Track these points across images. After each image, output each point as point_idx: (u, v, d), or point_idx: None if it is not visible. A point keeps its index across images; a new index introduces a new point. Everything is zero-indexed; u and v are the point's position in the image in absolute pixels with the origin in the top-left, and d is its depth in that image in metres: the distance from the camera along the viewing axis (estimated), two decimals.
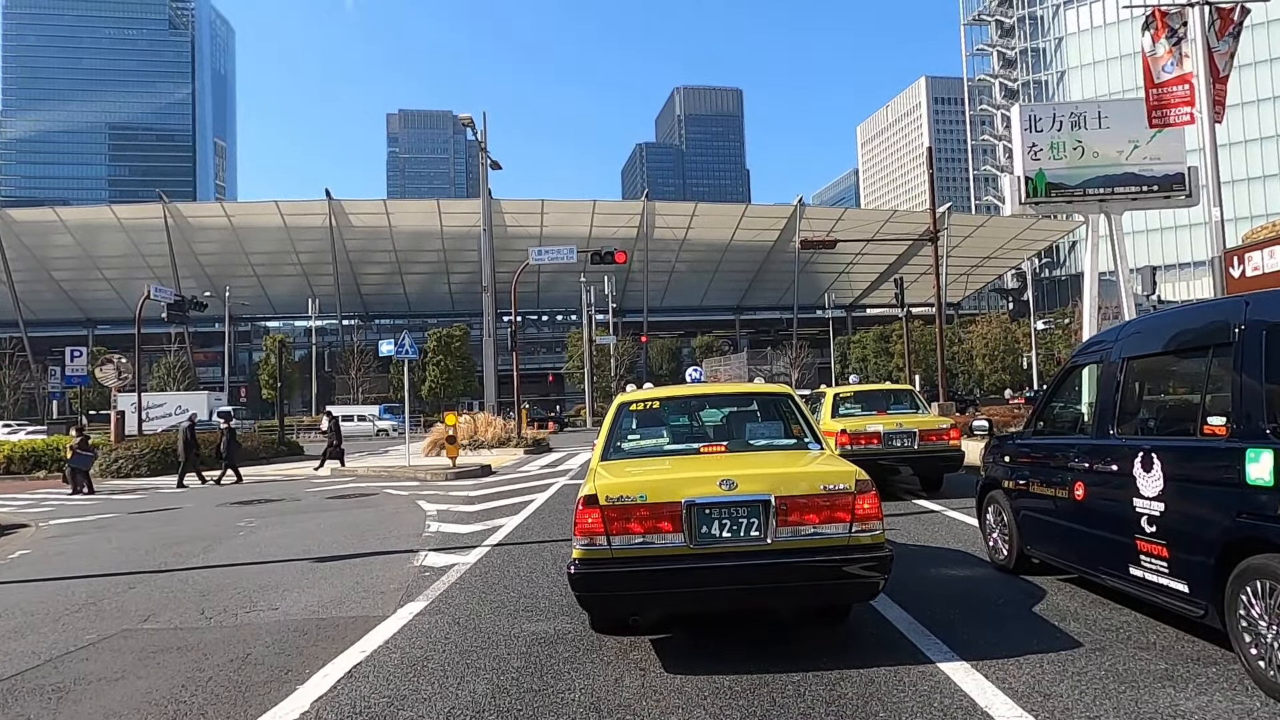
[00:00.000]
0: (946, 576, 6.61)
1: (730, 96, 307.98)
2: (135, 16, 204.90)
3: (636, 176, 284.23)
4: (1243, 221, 60.77)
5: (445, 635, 5.36)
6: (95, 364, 33.54)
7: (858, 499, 4.45)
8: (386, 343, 20.51)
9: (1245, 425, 3.91)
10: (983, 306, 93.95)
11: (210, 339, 73.09)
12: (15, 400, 58.30)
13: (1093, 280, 25.36)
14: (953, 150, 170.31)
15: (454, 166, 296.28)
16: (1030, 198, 24.31)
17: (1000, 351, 66.42)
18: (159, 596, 7.17)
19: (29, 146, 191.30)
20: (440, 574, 7.38)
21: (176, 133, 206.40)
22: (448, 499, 13.73)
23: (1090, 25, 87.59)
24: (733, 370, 63.98)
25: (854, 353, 71.64)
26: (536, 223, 68.85)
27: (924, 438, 11.53)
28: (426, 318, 79.63)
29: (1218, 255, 13.90)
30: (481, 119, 29.02)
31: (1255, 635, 3.81)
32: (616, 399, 6.17)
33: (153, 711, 4.22)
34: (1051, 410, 6.34)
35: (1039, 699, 3.82)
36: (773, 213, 76.75)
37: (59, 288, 73.13)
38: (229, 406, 60.22)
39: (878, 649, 4.67)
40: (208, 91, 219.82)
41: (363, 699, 4.21)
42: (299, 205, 68.68)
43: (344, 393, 63.02)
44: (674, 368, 71.87)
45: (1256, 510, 3.75)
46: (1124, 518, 4.72)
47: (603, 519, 4.44)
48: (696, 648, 4.84)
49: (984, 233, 77.67)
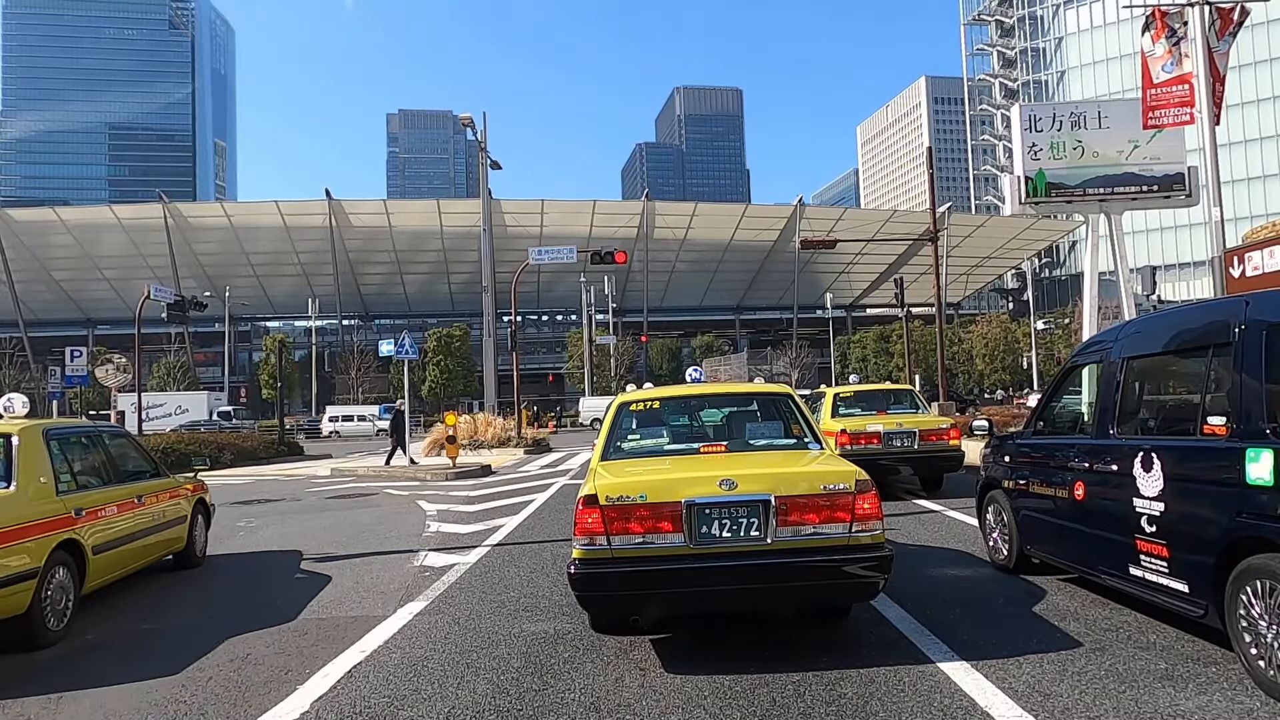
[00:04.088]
0: (946, 576, 6.61)
1: (730, 96, 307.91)
2: (135, 16, 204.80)
3: (636, 176, 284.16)
4: (1243, 221, 60.74)
5: (445, 635, 5.36)
6: (95, 364, 33.54)
7: (858, 499, 4.46)
8: (386, 343, 20.48)
9: (1245, 425, 3.91)
10: (983, 306, 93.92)
11: (210, 339, 73.04)
12: None
13: (1093, 280, 25.38)
14: (953, 150, 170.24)
15: (454, 166, 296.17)
16: (1030, 198, 24.33)
17: (1000, 351, 66.38)
18: (159, 596, 7.17)
19: (29, 146, 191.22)
20: (440, 574, 7.39)
21: (176, 133, 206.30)
22: (448, 499, 13.73)
23: (1090, 25, 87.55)
24: (733, 370, 63.94)
25: (854, 353, 71.61)
26: (536, 223, 68.81)
27: (924, 438, 11.53)
28: (426, 318, 79.55)
29: (1218, 255, 13.90)
30: (481, 119, 29.03)
31: (1255, 635, 3.81)
32: (616, 399, 6.18)
33: (153, 711, 4.22)
34: (1051, 410, 6.34)
35: (1039, 699, 3.82)
36: (773, 213, 76.72)
37: (59, 288, 73.09)
38: (229, 406, 60.34)
39: (878, 649, 4.67)
40: (208, 91, 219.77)
41: (363, 699, 4.21)
42: (299, 205, 68.65)
43: (344, 393, 62.99)
44: (674, 368, 71.79)
45: (1256, 510, 3.75)
46: (1124, 517, 4.72)
47: (603, 519, 4.45)
48: (696, 648, 4.84)
49: (984, 233, 77.64)
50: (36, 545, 5.59)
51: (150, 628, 6.06)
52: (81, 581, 6.13)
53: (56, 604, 5.73)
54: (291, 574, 7.84)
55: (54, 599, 5.70)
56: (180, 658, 5.13)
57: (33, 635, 5.47)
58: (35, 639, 5.48)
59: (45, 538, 5.72)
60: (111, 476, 7.15)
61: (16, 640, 5.43)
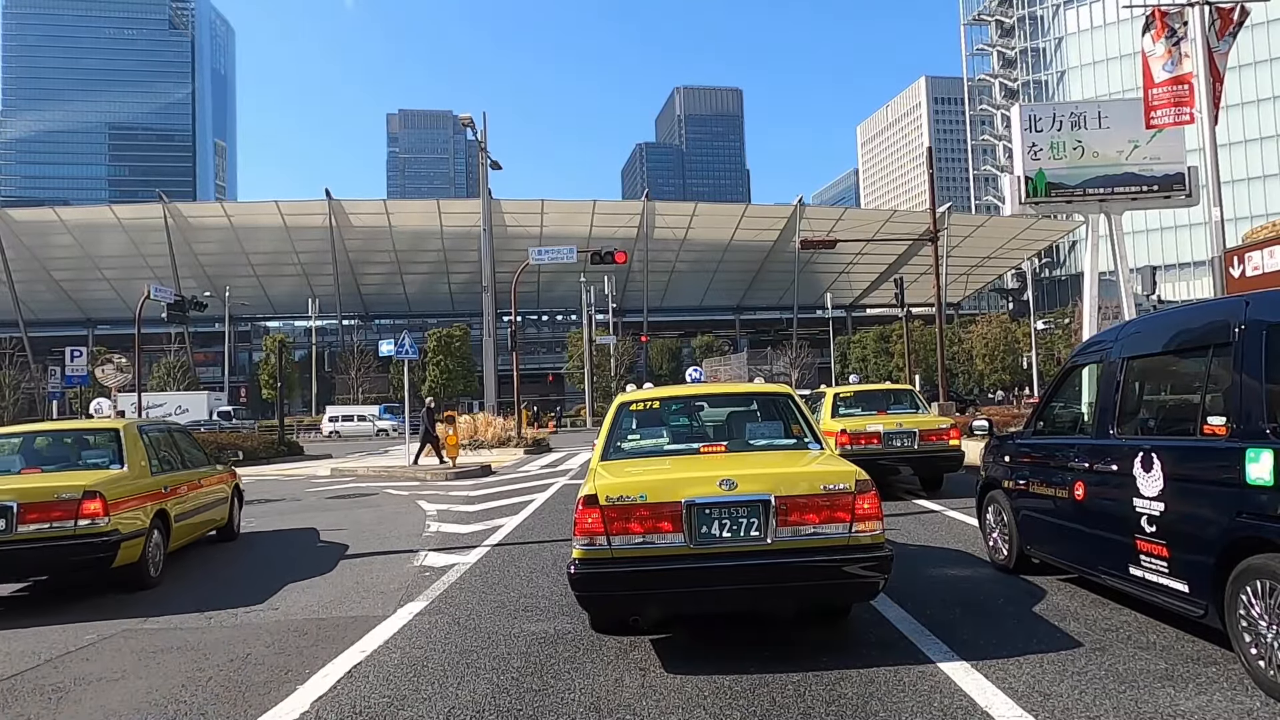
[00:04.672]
0: (946, 576, 6.61)
1: (730, 96, 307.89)
2: (135, 16, 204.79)
3: (636, 176, 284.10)
4: (1243, 221, 60.72)
5: (445, 635, 5.36)
6: (95, 364, 33.52)
7: (858, 499, 4.46)
8: (386, 343, 20.47)
9: (1245, 425, 3.91)
10: (983, 306, 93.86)
11: (210, 339, 73.01)
12: (15, 400, 58.24)
13: (1093, 280, 25.37)
14: (953, 150, 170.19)
15: (454, 166, 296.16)
16: (1030, 198, 24.32)
17: (1000, 351, 66.36)
18: (159, 596, 7.18)
19: (29, 146, 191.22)
20: (440, 574, 7.39)
21: (176, 133, 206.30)
22: (448, 499, 13.73)
23: (1090, 25, 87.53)
24: (733, 370, 63.92)
25: (854, 353, 71.58)
26: (536, 223, 68.79)
27: (924, 438, 11.53)
28: (426, 318, 79.52)
29: (1218, 255, 13.90)
30: (481, 119, 29.04)
31: (1255, 635, 3.81)
32: (616, 399, 6.17)
33: (153, 711, 4.22)
34: (1051, 410, 6.34)
35: (1039, 699, 3.82)
36: (773, 213, 76.70)
37: (59, 288, 73.07)
38: (229, 406, 60.33)
39: (878, 649, 4.68)
40: (208, 91, 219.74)
41: (363, 699, 4.22)
42: (299, 205, 68.63)
43: (344, 393, 62.98)
44: (674, 368, 71.75)
45: (1256, 510, 3.75)
46: (1124, 517, 4.72)
47: (603, 519, 4.44)
48: (696, 648, 4.84)
49: (984, 233, 77.61)
50: (143, 512, 7.53)
51: (151, 627, 6.07)
52: (167, 543, 8.02)
53: (154, 558, 7.65)
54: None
55: (153, 554, 7.61)
56: (180, 657, 5.17)
57: (141, 579, 7.39)
58: (142, 582, 7.40)
59: (148, 506, 7.66)
60: (182, 463, 9.03)
61: (130, 582, 7.35)
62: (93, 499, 6.90)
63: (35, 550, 6.76)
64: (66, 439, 8.46)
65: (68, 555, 6.82)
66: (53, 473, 7.74)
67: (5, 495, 6.83)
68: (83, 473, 7.59)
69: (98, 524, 6.87)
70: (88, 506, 6.86)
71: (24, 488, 7.02)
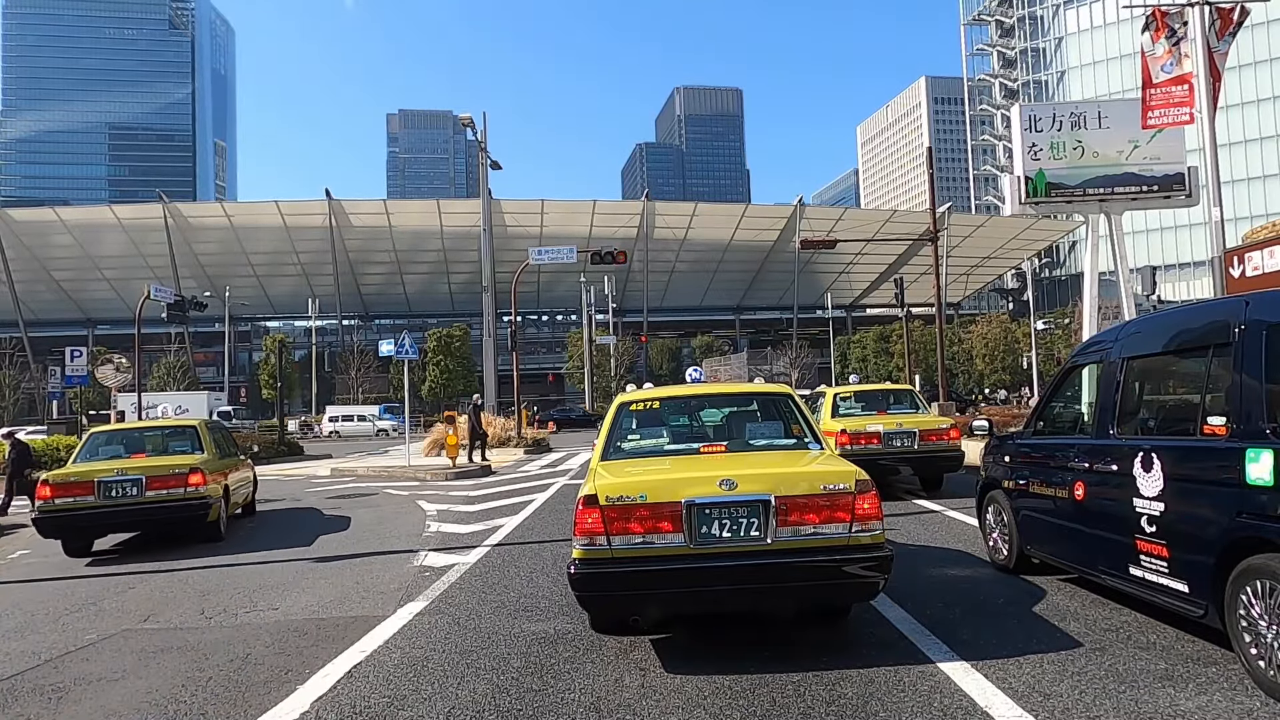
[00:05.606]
0: (946, 576, 6.61)
1: (730, 96, 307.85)
2: (135, 16, 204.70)
3: (636, 176, 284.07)
4: (1243, 221, 60.72)
5: (445, 635, 5.36)
6: (95, 364, 33.50)
7: (858, 499, 4.45)
8: (386, 343, 20.45)
9: (1245, 425, 3.91)
10: (983, 306, 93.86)
11: (210, 339, 73.00)
12: (15, 400, 58.23)
13: (1093, 280, 25.36)
14: (953, 150, 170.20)
15: (454, 166, 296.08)
16: (1030, 198, 24.30)
17: (1000, 352, 66.36)
18: (159, 596, 7.18)
19: (29, 146, 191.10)
20: (440, 574, 7.39)
21: (176, 133, 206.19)
22: (448, 499, 13.73)
23: (1090, 25, 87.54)
24: (733, 370, 63.92)
25: (854, 353, 71.57)
26: (536, 223, 68.78)
27: (924, 438, 11.52)
28: (426, 318, 79.53)
29: (1218, 255, 13.89)
30: (481, 119, 29.00)
31: (1255, 635, 3.81)
32: (616, 399, 6.17)
33: (153, 711, 4.22)
34: (1051, 410, 6.33)
35: (1039, 699, 3.82)
36: (773, 213, 76.69)
37: (59, 288, 73.06)
38: (229, 406, 60.30)
39: (878, 649, 4.67)
40: (208, 91, 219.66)
41: (363, 699, 4.22)
42: (299, 205, 68.61)
43: (344, 393, 62.98)
44: (674, 368, 71.79)
45: (1256, 510, 3.75)
46: (1124, 517, 4.72)
47: (603, 519, 4.44)
48: (696, 648, 4.84)
49: (984, 233, 77.61)
50: (217, 485, 10.29)
51: (151, 627, 6.07)
52: (228, 510, 10.78)
53: (222, 520, 10.37)
54: (291, 574, 7.91)
55: (222, 517, 10.34)
56: (180, 657, 5.19)
57: (216, 534, 10.16)
58: (216, 536, 10.14)
59: (219, 481, 10.38)
60: (229, 451, 11.88)
61: (209, 536, 10.06)
62: (195, 473, 9.71)
63: (157, 509, 9.56)
64: (158, 433, 11.44)
65: (179, 513, 9.65)
66: (156, 456, 10.44)
67: (135, 471, 9.58)
68: (180, 457, 10.31)
69: (199, 491, 9.69)
70: (192, 479, 9.66)
71: (147, 465, 9.77)
